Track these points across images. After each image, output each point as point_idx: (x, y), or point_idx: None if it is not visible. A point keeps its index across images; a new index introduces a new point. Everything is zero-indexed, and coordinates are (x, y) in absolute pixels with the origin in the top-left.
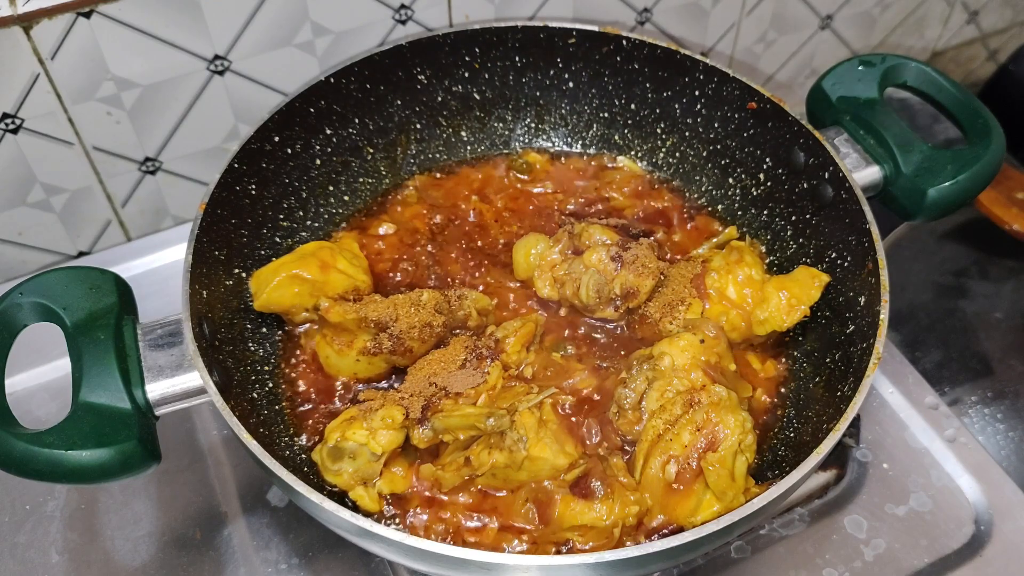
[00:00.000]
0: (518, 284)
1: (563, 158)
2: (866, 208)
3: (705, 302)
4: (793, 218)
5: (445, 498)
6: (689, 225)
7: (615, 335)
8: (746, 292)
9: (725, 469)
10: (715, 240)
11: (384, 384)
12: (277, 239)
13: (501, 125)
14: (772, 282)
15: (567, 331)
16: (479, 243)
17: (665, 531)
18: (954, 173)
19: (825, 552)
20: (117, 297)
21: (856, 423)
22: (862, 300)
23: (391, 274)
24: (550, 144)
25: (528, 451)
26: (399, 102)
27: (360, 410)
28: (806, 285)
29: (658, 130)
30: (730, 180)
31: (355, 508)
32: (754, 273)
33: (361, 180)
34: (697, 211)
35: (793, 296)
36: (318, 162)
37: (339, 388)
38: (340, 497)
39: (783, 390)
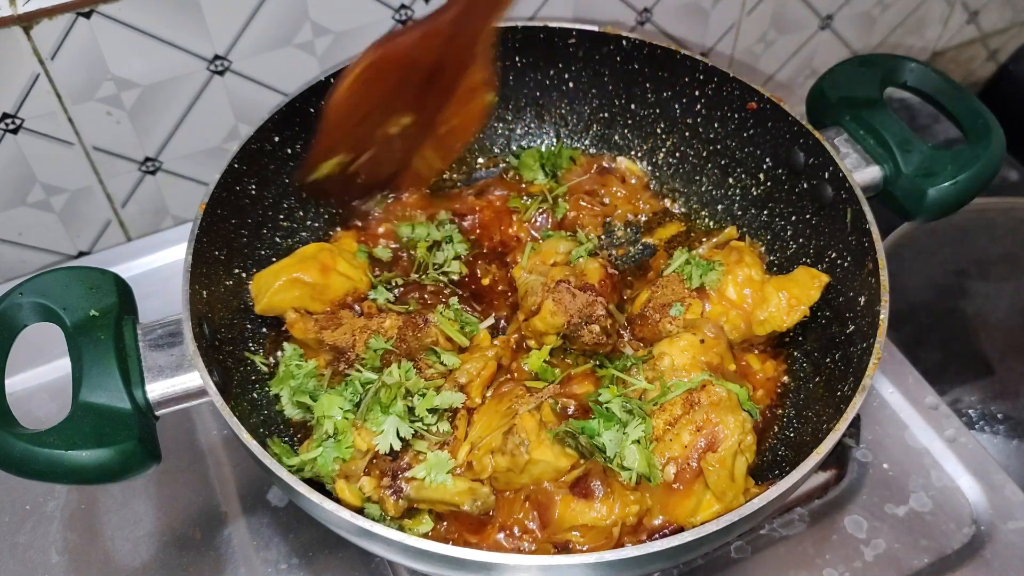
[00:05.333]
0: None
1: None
2: (866, 208)
3: (705, 303)
4: (793, 218)
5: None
6: (688, 225)
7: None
8: (746, 292)
9: (725, 469)
10: (715, 240)
11: None
12: (277, 239)
13: (501, 125)
14: (772, 282)
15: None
16: (479, 242)
17: (665, 531)
18: (954, 173)
19: (825, 552)
20: (117, 297)
21: (856, 423)
22: (862, 300)
23: (391, 274)
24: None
25: (530, 454)
26: None
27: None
28: (806, 285)
29: (658, 130)
30: (730, 180)
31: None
32: (754, 273)
33: None
34: (697, 212)
35: (793, 296)
36: None
37: None
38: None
39: (783, 390)
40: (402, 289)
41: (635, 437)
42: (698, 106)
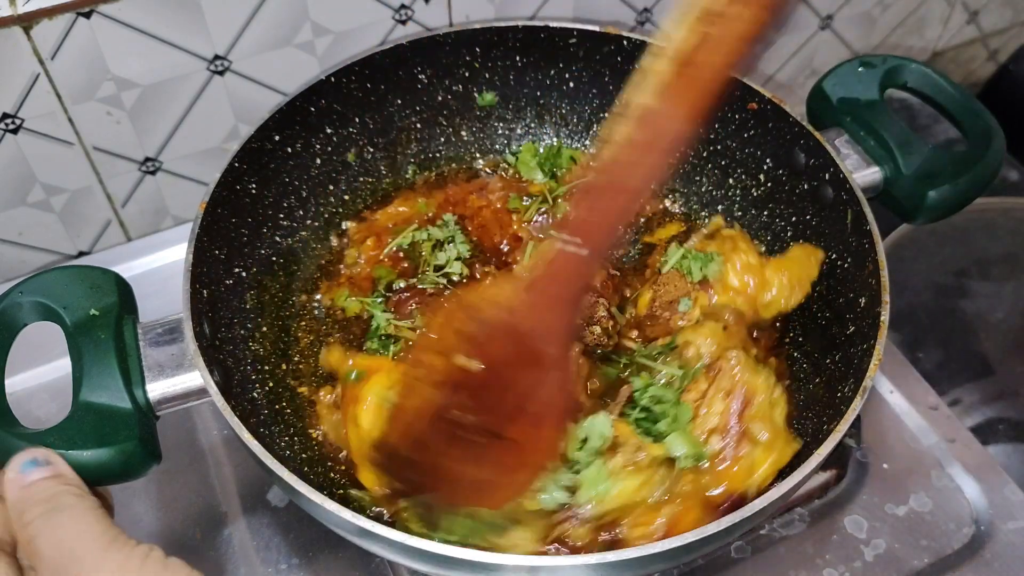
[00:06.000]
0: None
1: None
2: (866, 209)
3: (711, 294)
4: (793, 219)
5: None
6: (688, 225)
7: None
8: (747, 279)
9: (768, 422)
10: (704, 231)
11: None
12: (277, 238)
13: (501, 125)
14: (770, 265)
15: None
16: (480, 242)
17: (731, 500)
18: (954, 175)
19: (825, 552)
20: (117, 296)
21: (856, 423)
22: (862, 301)
23: (392, 276)
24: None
25: (649, 455)
26: (399, 102)
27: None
28: (804, 264)
29: None
30: (730, 181)
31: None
32: (751, 259)
33: (361, 180)
34: (697, 212)
35: (793, 276)
36: (318, 161)
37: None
38: (341, 498)
39: (783, 390)
40: (401, 297)
41: (679, 426)
42: None
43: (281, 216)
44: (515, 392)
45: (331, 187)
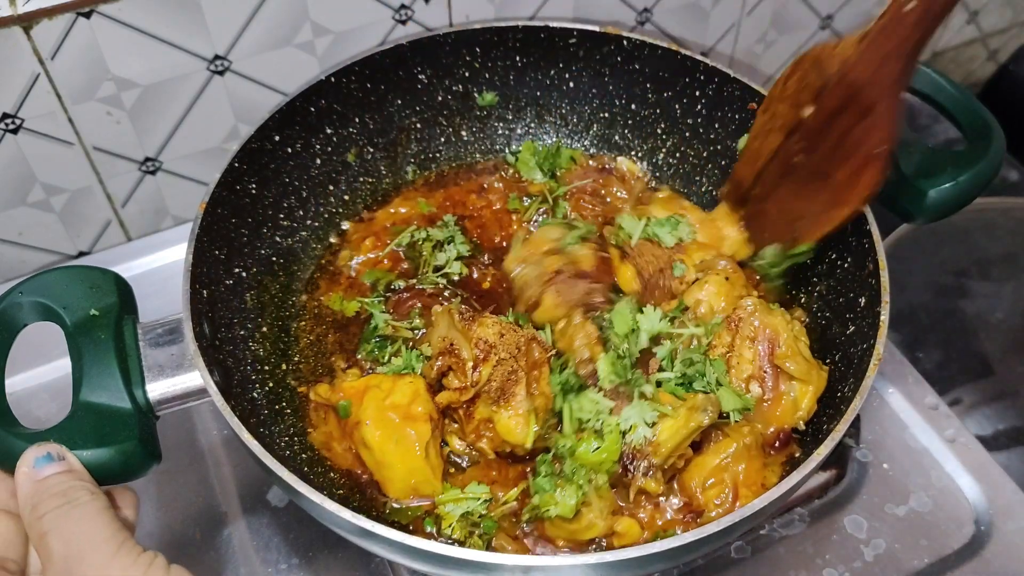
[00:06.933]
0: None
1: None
2: (866, 209)
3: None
4: None
5: None
6: None
7: None
8: (710, 230)
9: (797, 356)
10: (637, 195)
11: None
12: (277, 239)
13: (501, 125)
14: (713, 216)
15: None
16: (480, 243)
17: (781, 436)
18: (954, 174)
19: (825, 552)
20: (117, 296)
21: (856, 423)
22: (862, 301)
23: (390, 277)
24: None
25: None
26: (399, 102)
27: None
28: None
29: (658, 130)
30: None
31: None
32: (698, 213)
33: (361, 180)
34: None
35: (731, 223)
36: (318, 161)
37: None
38: (341, 498)
39: None
40: (401, 297)
41: (721, 381)
42: (699, 106)
43: (281, 216)
44: (842, 136)
45: (331, 187)
